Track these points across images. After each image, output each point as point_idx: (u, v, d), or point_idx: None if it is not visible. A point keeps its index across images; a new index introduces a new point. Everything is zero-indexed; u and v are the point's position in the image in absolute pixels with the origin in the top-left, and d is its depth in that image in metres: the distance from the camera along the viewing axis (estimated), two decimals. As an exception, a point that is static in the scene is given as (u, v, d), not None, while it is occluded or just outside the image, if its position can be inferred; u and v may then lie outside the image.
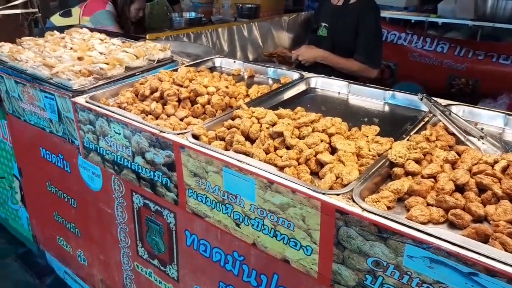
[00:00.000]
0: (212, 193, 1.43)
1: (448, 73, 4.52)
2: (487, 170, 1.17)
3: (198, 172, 1.44)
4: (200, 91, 1.71)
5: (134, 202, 1.99)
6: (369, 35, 2.60)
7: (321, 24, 2.85)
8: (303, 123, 1.46)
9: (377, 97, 1.91)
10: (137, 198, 1.96)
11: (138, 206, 1.98)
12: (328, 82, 2.07)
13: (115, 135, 1.71)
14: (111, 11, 4.18)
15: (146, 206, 1.92)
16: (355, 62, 2.64)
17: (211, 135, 1.52)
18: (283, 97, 1.95)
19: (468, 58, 4.35)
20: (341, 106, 1.88)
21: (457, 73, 4.45)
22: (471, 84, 4.42)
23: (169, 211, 1.80)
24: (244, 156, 1.35)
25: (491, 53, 4.21)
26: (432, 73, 4.59)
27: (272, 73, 2.27)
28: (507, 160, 1.21)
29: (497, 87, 4.16)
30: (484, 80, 4.31)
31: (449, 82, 4.55)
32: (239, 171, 1.30)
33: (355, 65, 2.63)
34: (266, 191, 1.25)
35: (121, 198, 2.06)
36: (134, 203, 2.00)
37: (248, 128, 1.48)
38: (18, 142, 2.73)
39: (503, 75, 4.16)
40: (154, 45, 2.32)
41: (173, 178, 1.56)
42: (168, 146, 1.51)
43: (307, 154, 1.31)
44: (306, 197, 1.16)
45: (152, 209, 1.90)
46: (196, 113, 1.70)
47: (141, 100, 1.86)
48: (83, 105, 1.80)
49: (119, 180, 1.98)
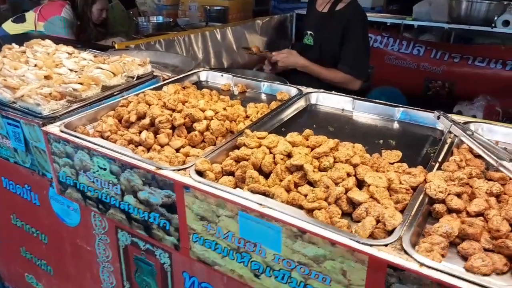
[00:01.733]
0: (224, 240, 1.23)
1: (424, 76, 4.51)
2: (544, 206, 1.05)
3: (206, 215, 1.24)
4: (197, 116, 1.50)
5: (119, 239, 1.75)
6: (356, 44, 2.47)
7: (307, 32, 2.70)
8: (323, 153, 1.29)
9: (386, 114, 1.77)
10: (123, 235, 1.72)
11: (125, 244, 1.74)
12: (330, 97, 1.91)
13: (99, 171, 1.47)
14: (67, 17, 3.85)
15: (135, 245, 1.69)
16: (339, 72, 2.50)
17: (216, 169, 1.32)
18: (284, 117, 1.77)
19: (444, 61, 4.36)
20: (349, 126, 1.72)
21: (434, 76, 4.46)
22: (448, 86, 4.44)
23: (163, 250, 1.58)
24: (262, 197, 1.16)
25: (467, 55, 4.23)
26: (408, 76, 4.57)
27: (266, 88, 2.08)
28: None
29: (473, 89, 4.20)
30: (460, 83, 4.34)
31: (426, 85, 4.55)
32: (260, 217, 1.11)
33: (339, 76, 2.50)
34: (296, 241, 1.07)
35: (104, 235, 1.81)
36: (119, 241, 1.76)
37: (260, 161, 1.29)
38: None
39: (479, 77, 4.20)
40: (133, 59, 2.07)
41: (174, 221, 1.34)
42: (168, 185, 1.29)
43: (337, 193, 1.14)
44: (350, 250, 0.98)
45: (141, 248, 1.67)
46: (194, 141, 1.49)
47: (126, 127, 1.62)
48: (58, 136, 1.54)
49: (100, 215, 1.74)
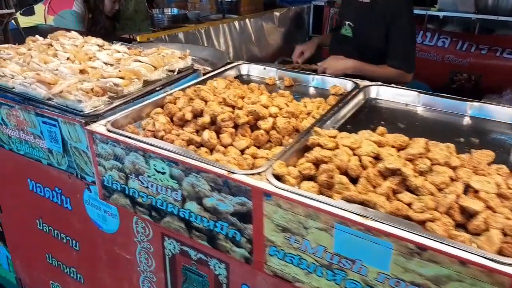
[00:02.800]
0: (312, 255, 1.08)
1: (449, 69, 4.36)
2: None
3: (291, 226, 1.09)
4: (262, 113, 1.34)
5: (165, 248, 1.61)
6: (404, 37, 2.32)
7: (345, 22, 2.53)
8: (418, 155, 1.14)
9: (457, 109, 1.62)
10: (170, 243, 1.58)
11: (172, 253, 1.60)
12: (390, 91, 1.76)
13: (156, 175, 1.32)
14: (79, 11, 3.67)
15: (184, 254, 1.55)
16: (389, 68, 2.35)
17: (294, 173, 1.17)
18: (346, 113, 1.62)
19: (471, 53, 4.21)
20: (420, 122, 1.58)
21: (459, 68, 4.31)
22: (474, 79, 4.29)
23: (219, 261, 1.44)
24: (359, 207, 1.02)
25: (496, 47, 4.09)
26: (432, 69, 4.41)
27: (316, 82, 1.93)
28: None
29: (501, 82, 4.05)
30: (487, 75, 4.19)
31: (451, 77, 4.40)
32: (365, 231, 0.97)
33: (390, 72, 2.35)
34: (412, 259, 0.92)
35: (147, 243, 1.67)
36: (165, 249, 1.61)
37: (346, 163, 1.14)
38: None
39: (507, 69, 4.06)
40: (172, 52, 1.91)
41: (247, 231, 1.19)
42: (242, 192, 1.14)
43: (449, 201, 1.00)
44: (486, 271, 0.84)
45: (192, 258, 1.53)
46: (260, 141, 1.34)
47: (179, 126, 1.47)
48: (106, 136, 1.39)
49: (144, 222, 1.59)
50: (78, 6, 3.72)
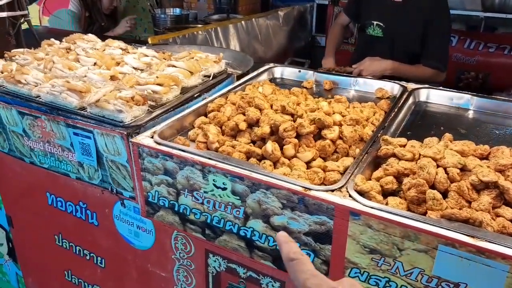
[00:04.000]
0: (404, 277, 1.00)
1: (456, 67, 4.34)
2: None
3: (381, 248, 1.00)
4: (327, 121, 1.25)
5: (209, 265, 1.50)
6: (442, 36, 2.26)
7: (372, 23, 2.46)
8: (509, 165, 1.06)
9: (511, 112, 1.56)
10: (215, 261, 1.47)
11: (216, 271, 1.50)
12: (441, 94, 1.69)
13: (214, 190, 1.21)
14: (75, 11, 3.52)
15: (231, 272, 1.44)
16: (425, 68, 2.29)
17: (376, 188, 1.08)
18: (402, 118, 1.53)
19: (479, 51, 4.19)
20: (479, 127, 1.50)
21: (467, 67, 4.29)
22: (481, 78, 4.28)
23: (273, 279, 1.34)
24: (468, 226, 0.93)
25: (504, 45, 4.08)
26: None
27: (359, 84, 1.84)
28: None
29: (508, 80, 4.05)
30: (495, 74, 4.18)
31: (458, 76, 4.38)
32: (476, 253, 0.88)
33: (427, 72, 2.29)
34: (532, 283, 0.84)
35: (187, 260, 1.56)
36: (209, 267, 1.51)
37: (433, 177, 1.06)
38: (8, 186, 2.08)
39: (516, 67, 4.06)
40: (206, 55, 1.80)
41: (323, 253, 1.10)
42: (323, 210, 1.04)
43: (562, 217, 0.92)
44: None
45: (241, 275, 1.43)
46: (327, 152, 1.24)
47: (231, 136, 1.36)
48: (155, 149, 1.27)
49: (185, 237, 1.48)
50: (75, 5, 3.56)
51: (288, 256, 0.62)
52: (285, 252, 0.63)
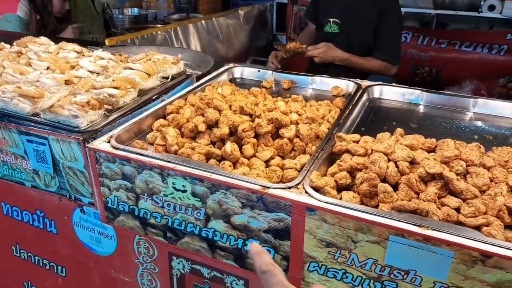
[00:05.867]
0: (360, 268, 1.04)
1: (411, 63, 4.52)
2: None
3: (337, 241, 1.04)
4: (284, 120, 1.27)
5: (173, 268, 1.50)
6: (392, 31, 2.35)
7: (328, 20, 2.52)
8: (453, 157, 1.13)
9: (459, 106, 1.65)
10: (179, 263, 1.48)
11: (181, 273, 1.50)
12: (393, 90, 1.76)
13: (174, 193, 1.21)
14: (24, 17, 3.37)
15: (196, 273, 1.45)
16: (376, 60, 2.38)
17: (331, 183, 1.12)
18: (356, 115, 1.59)
19: (432, 47, 4.38)
20: (429, 121, 1.58)
21: (421, 62, 4.47)
22: (434, 72, 4.48)
23: (237, 277, 1.37)
24: (415, 217, 0.98)
25: (455, 41, 4.28)
26: (396, 63, 4.55)
27: (316, 83, 1.89)
28: None
29: (460, 74, 4.26)
30: (447, 68, 4.39)
31: (413, 71, 4.56)
32: (423, 241, 0.93)
33: (377, 64, 2.38)
34: (473, 267, 0.91)
35: (151, 264, 1.55)
36: (173, 269, 1.51)
37: (384, 171, 1.11)
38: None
39: (466, 62, 4.27)
40: (164, 57, 1.78)
41: (283, 249, 1.13)
42: (280, 207, 1.07)
43: (499, 204, 0.99)
44: (556, 275, 0.84)
45: (205, 276, 1.44)
46: (285, 151, 1.27)
47: (190, 138, 1.36)
48: (113, 154, 1.25)
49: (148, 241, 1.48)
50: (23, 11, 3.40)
51: (260, 268, 0.65)
52: (257, 265, 0.66)
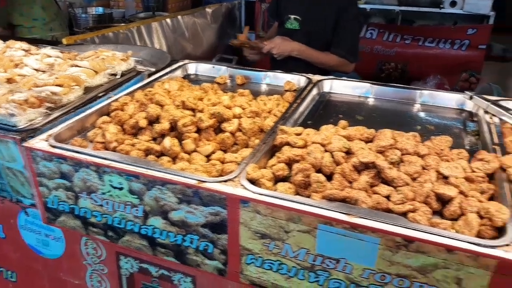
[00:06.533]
0: (293, 258, 1.04)
1: (377, 59, 4.59)
2: None
3: (270, 232, 1.04)
4: (226, 114, 1.27)
5: (121, 267, 1.48)
6: (350, 27, 2.37)
7: (289, 17, 2.53)
8: (388, 146, 1.15)
9: (407, 98, 1.68)
10: (127, 262, 1.46)
11: (130, 272, 1.48)
12: (343, 84, 1.78)
13: (112, 191, 1.19)
14: None
15: (144, 272, 1.44)
16: (333, 56, 2.39)
17: (267, 175, 1.12)
18: (304, 109, 1.60)
19: (397, 43, 4.46)
20: (377, 113, 1.61)
21: (387, 58, 4.55)
22: (400, 68, 4.56)
23: (184, 274, 1.36)
24: (344, 205, 0.99)
25: (418, 36, 4.36)
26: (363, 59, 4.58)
27: (268, 78, 1.89)
28: None
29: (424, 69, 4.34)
30: (412, 64, 4.47)
31: (379, 67, 4.63)
32: (350, 229, 0.94)
33: (333, 60, 2.39)
34: (398, 252, 0.92)
35: (99, 265, 1.53)
36: (121, 269, 1.49)
37: (320, 161, 1.12)
38: None
39: (429, 57, 4.36)
40: (113, 54, 1.75)
41: (220, 242, 1.12)
42: (216, 201, 1.07)
43: (427, 190, 1.01)
44: (472, 256, 0.86)
45: (153, 275, 1.43)
46: (226, 145, 1.26)
47: (132, 134, 1.35)
48: (49, 152, 1.22)
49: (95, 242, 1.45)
50: None
51: None
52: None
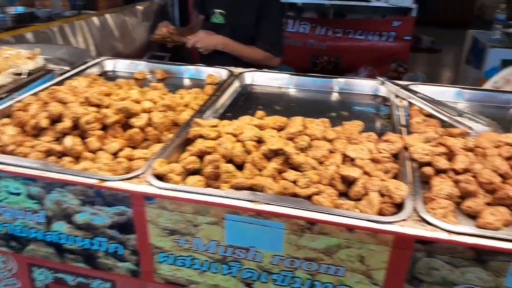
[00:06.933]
0: (205, 252, 1.02)
1: (311, 53, 4.68)
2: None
3: (179, 228, 1.00)
4: (133, 109, 1.21)
5: (35, 280, 1.38)
6: (273, 22, 2.37)
7: (214, 11, 2.49)
8: (297, 133, 1.15)
9: (326, 87, 1.71)
10: (41, 273, 1.36)
11: (45, 284, 1.38)
12: (265, 76, 1.78)
13: (8, 198, 1.09)
14: None
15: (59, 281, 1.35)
16: (258, 50, 2.39)
17: (177, 169, 1.08)
18: (225, 101, 1.58)
19: (329, 37, 4.57)
20: (295, 102, 1.62)
21: (320, 52, 4.65)
22: (333, 61, 4.68)
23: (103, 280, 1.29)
24: (251, 193, 0.98)
25: (349, 30, 4.51)
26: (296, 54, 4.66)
27: (190, 72, 1.85)
28: (526, 137, 1.15)
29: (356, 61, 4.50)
30: (344, 56, 4.61)
31: (313, 61, 4.73)
32: (256, 216, 0.93)
33: (259, 54, 2.39)
34: (303, 235, 0.92)
35: (11, 279, 1.42)
36: (35, 281, 1.39)
37: (230, 151, 1.10)
38: None
39: (360, 50, 4.52)
40: (17, 52, 1.63)
41: (130, 243, 1.07)
42: (120, 200, 1.01)
43: (331, 173, 1.02)
44: (371, 233, 0.88)
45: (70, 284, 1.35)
46: (135, 141, 1.21)
47: (34, 136, 1.25)
48: None
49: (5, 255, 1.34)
50: None
51: None
52: None
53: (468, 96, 1.60)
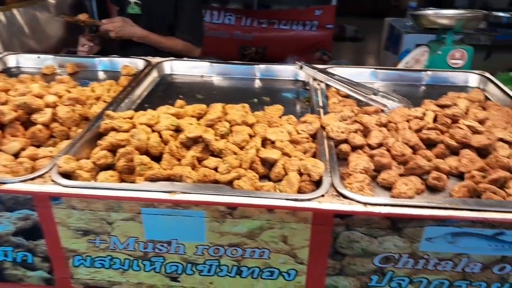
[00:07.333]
0: (124, 250, 0.95)
1: (238, 44, 4.67)
2: (427, 125, 1.15)
3: (93, 227, 0.93)
4: (35, 104, 1.10)
5: None
6: (192, 11, 2.31)
7: (129, 1, 2.37)
8: (217, 119, 1.12)
9: (248, 74, 1.70)
10: None
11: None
12: (185, 65, 1.72)
13: None
14: None
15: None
16: (178, 40, 2.32)
17: (87, 166, 1.00)
18: (142, 92, 1.50)
19: (254, 27, 4.59)
20: (217, 90, 1.59)
21: (247, 43, 4.65)
22: (260, 51, 4.71)
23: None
24: (168, 184, 0.93)
25: (273, 20, 4.55)
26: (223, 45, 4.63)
27: (104, 64, 1.74)
28: (431, 110, 1.22)
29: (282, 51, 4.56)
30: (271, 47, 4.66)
31: (241, 52, 4.72)
32: (174, 207, 0.89)
33: (179, 44, 2.32)
34: (224, 221, 0.89)
35: None
36: None
37: (145, 143, 1.04)
38: None
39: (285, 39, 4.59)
40: None
41: (39, 249, 0.97)
42: (22, 203, 0.91)
43: (251, 156, 1.00)
44: (291, 212, 0.87)
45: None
46: (39, 139, 1.10)
47: None
48: None
49: None
50: None
51: None
52: None
53: (382, 76, 1.68)
